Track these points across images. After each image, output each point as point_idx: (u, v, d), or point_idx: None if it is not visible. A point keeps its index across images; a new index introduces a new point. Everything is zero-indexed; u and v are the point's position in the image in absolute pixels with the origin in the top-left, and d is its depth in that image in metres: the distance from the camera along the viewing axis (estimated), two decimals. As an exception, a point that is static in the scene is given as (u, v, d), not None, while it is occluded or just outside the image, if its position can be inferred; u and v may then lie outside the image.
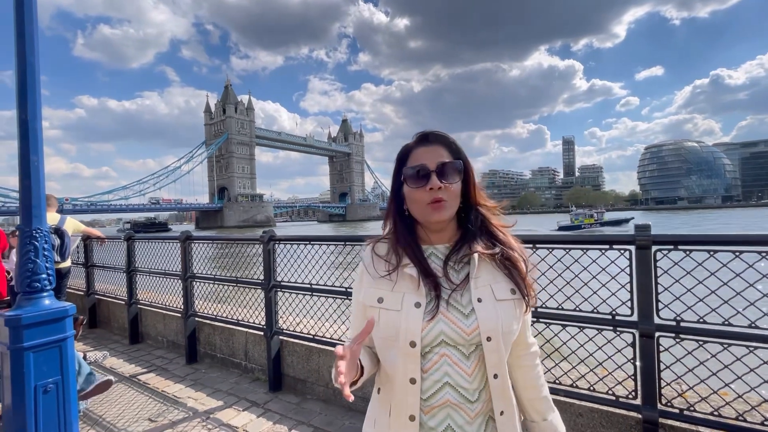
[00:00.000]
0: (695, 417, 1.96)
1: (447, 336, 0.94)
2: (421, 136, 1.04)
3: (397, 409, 0.97)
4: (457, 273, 0.99)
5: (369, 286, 1.02)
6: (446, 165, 0.98)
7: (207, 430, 3.00)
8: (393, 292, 0.98)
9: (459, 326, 0.94)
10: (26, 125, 2.02)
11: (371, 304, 1.00)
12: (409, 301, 0.95)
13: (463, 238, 1.02)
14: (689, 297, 1.98)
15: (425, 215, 0.99)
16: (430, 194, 0.96)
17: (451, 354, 0.94)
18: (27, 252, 2.06)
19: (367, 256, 1.07)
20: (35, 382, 1.99)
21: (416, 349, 0.93)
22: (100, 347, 5.03)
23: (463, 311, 0.95)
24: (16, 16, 2.03)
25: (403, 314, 0.94)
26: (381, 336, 0.99)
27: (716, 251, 1.91)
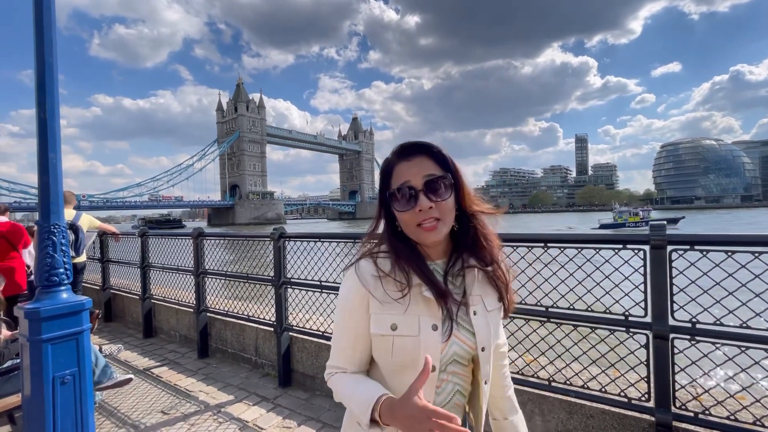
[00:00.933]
0: (710, 421, 1.92)
1: (458, 354, 0.94)
2: (402, 148, 0.95)
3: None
4: (455, 288, 0.97)
5: (378, 311, 0.92)
6: (434, 180, 0.90)
7: (218, 423, 3.05)
8: (406, 315, 0.90)
9: (467, 344, 0.94)
10: (45, 123, 2.07)
11: (383, 333, 0.91)
12: (426, 325, 0.90)
13: (457, 250, 0.98)
14: (705, 299, 1.93)
15: (418, 237, 0.92)
16: (421, 215, 0.89)
17: (457, 368, 0.96)
18: (45, 247, 2.11)
19: (369, 277, 0.93)
20: (53, 373, 2.05)
21: (435, 372, 0.91)
22: (114, 340, 5.15)
23: (469, 328, 0.95)
24: (35, 18, 2.07)
25: (421, 339, 0.89)
26: (394, 363, 0.92)
27: (734, 252, 1.86)
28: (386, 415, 0.82)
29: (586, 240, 2.27)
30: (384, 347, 0.92)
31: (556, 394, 2.31)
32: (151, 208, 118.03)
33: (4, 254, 4.15)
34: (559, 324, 2.32)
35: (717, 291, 1.90)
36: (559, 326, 2.32)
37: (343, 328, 0.98)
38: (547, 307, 2.32)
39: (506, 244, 2.47)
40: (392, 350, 0.91)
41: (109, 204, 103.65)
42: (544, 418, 2.34)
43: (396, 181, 0.93)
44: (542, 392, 2.35)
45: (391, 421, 0.81)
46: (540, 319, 2.36)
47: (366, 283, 0.93)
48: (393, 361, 0.92)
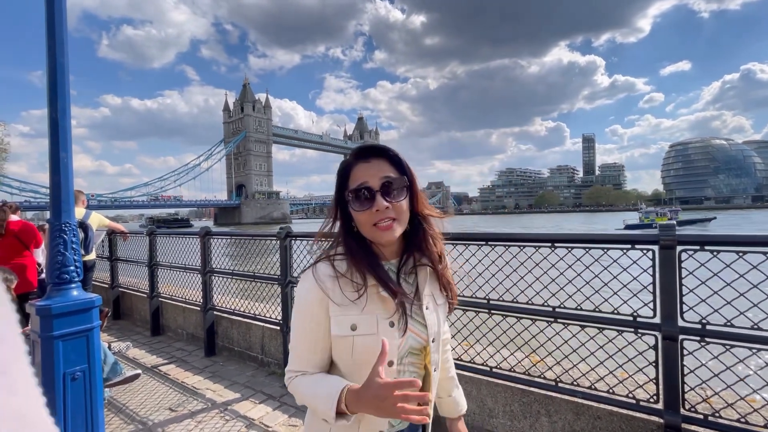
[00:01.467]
0: (720, 423, 1.89)
1: (412, 347, 1.00)
2: (360, 150, 0.98)
3: (367, 425, 0.95)
4: (408, 285, 1.02)
5: (338, 313, 0.93)
6: (390, 182, 0.93)
7: (225, 421, 3.07)
8: (364, 315, 0.93)
9: (421, 336, 1.00)
10: (56, 123, 2.10)
11: (343, 334, 0.93)
12: (383, 323, 0.94)
13: (408, 250, 1.02)
14: (715, 300, 1.91)
15: (374, 236, 0.95)
16: (377, 215, 0.92)
17: (411, 359, 1.01)
18: (56, 245, 2.14)
19: (327, 279, 0.95)
20: (64, 370, 2.08)
21: (393, 367, 0.94)
22: (123, 338, 5.20)
23: (422, 322, 1.00)
24: (47, 19, 2.11)
25: (380, 337, 0.92)
26: (354, 362, 0.95)
27: (745, 252, 1.83)
28: (353, 404, 0.85)
29: (593, 240, 2.25)
30: (344, 348, 0.94)
31: (562, 394, 2.30)
32: (159, 207, 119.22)
33: (16, 253, 4.22)
34: (566, 324, 2.30)
35: (727, 292, 1.87)
36: (566, 327, 2.31)
37: (302, 332, 0.98)
38: (554, 308, 2.31)
39: (513, 243, 2.46)
40: (353, 350, 0.93)
41: (117, 203, 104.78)
42: (550, 419, 2.33)
43: (354, 181, 0.96)
44: (549, 393, 2.33)
45: (359, 407, 0.84)
46: (547, 319, 2.34)
47: (324, 285, 0.94)
48: (353, 360, 0.95)
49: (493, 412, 2.53)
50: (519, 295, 2.44)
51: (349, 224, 1.00)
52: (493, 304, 2.52)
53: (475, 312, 2.60)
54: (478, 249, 2.57)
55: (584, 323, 2.24)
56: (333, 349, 0.97)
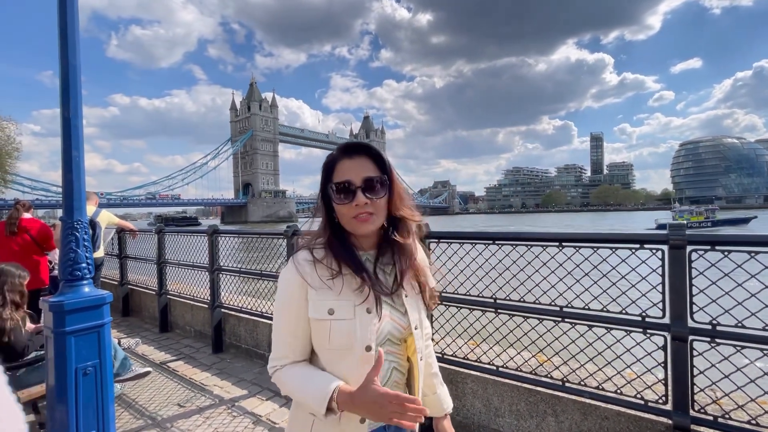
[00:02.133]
0: (730, 425, 1.87)
1: (391, 334, 1.03)
2: (346, 146, 1.04)
3: (348, 415, 0.96)
4: (386, 275, 1.07)
5: (315, 298, 0.98)
6: (371, 180, 0.99)
7: (232, 417, 3.11)
8: (341, 300, 0.98)
9: (400, 324, 1.04)
10: (68, 123, 2.14)
11: (321, 317, 0.98)
12: (361, 308, 0.98)
13: (386, 243, 1.07)
14: (726, 300, 1.88)
15: (353, 228, 1.02)
16: (357, 209, 0.98)
17: (391, 347, 1.05)
18: (69, 242, 2.18)
19: (305, 266, 1.00)
20: (76, 365, 2.11)
21: (371, 352, 0.97)
22: (132, 334, 5.27)
23: (401, 310, 1.05)
24: (59, 22, 2.14)
25: (357, 322, 0.97)
26: (334, 347, 0.98)
27: (758, 252, 1.81)
28: (345, 404, 0.91)
29: (602, 239, 2.24)
30: (322, 332, 0.99)
31: (570, 394, 2.29)
32: (166, 206, 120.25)
33: (28, 250, 4.30)
34: (573, 324, 2.29)
35: (738, 293, 1.85)
36: (573, 326, 2.30)
37: (284, 318, 1.03)
38: (562, 307, 2.30)
39: (521, 243, 2.45)
40: (330, 335, 0.98)
41: (126, 202, 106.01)
42: (557, 418, 2.32)
43: (338, 176, 1.01)
44: (556, 392, 2.33)
45: (351, 408, 0.91)
46: (554, 318, 2.33)
47: (302, 270, 1.00)
48: (330, 345, 0.99)
49: (500, 412, 2.53)
50: (526, 295, 2.43)
51: (331, 215, 1.05)
52: (499, 304, 2.52)
53: (482, 311, 2.60)
54: (485, 248, 2.57)
55: (592, 323, 2.23)
56: (312, 335, 1.02)
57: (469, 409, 2.67)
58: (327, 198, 1.04)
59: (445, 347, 2.78)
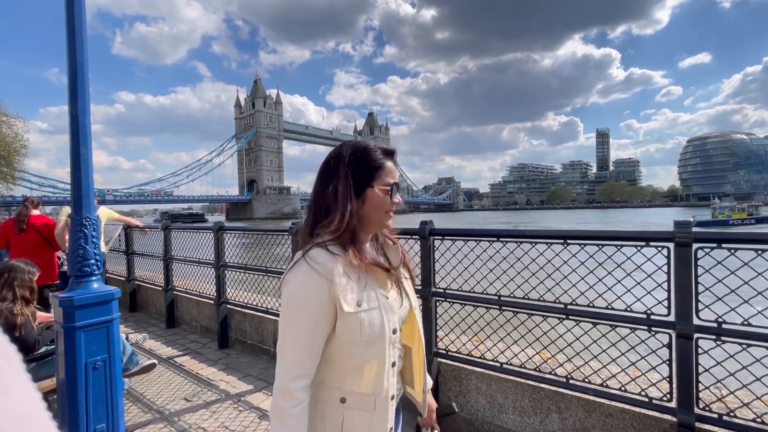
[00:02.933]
0: (735, 423, 1.87)
1: (401, 317, 1.12)
2: (388, 151, 1.13)
3: (382, 397, 1.04)
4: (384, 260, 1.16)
5: (344, 292, 0.98)
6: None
7: (238, 411, 3.15)
8: (366, 291, 1.03)
9: (405, 306, 1.14)
10: (77, 120, 2.16)
11: (351, 311, 0.98)
12: (382, 295, 1.06)
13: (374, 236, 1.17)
14: (732, 298, 1.88)
15: (382, 221, 1.11)
16: (392, 206, 1.10)
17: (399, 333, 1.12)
18: (77, 239, 2.21)
19: (327, 262, 0.98)
20: (85, 359, 2.15)
21: (397, 334, 1.08)
22: (140, 330, 5.34)
23: (402, 292, 1.14)
24: (67, 20, 2.16)
25: (381, 309, 1.04)
26: (365, 338, 0.99)
27: (765, 250, 1.80)
28: None
29: (607, 237, 2.23)
30: (353, 326, 0.99)
31: (573, 391, 2.29)
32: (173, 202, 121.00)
33: (37, 247, 4.36)
34: (578, 321, 2.29)
35: (745, 291, 1.84)
36: (577, 324, 2.30)
37: (302, 323, 0.98)
38: (566, 304, 2.29)
39: (525, 240, 2.45)
40: (361, 326, 0.99)
41: (132, 198, 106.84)
42: (561, 415, 2.33)
43: (388, 176, 1.09)
44: (559, 389, 2.33)
45: None
46: (559, 316, 2.33)
47: (324, 269, 0.97)
48: (362, 336, 1.00)
49: (503, 408, 2.54)
50: (530, 292, 2.43)
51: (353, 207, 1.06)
52: (504, 301, 2.52)
53: (486, 308, 2.61)
54: (490, 245, 2.57)
55: (596, 320, 2.23)
56: (340, 332, 0.99)
57: (473, 405, 2.68)
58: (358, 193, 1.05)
59: (449, 344, 2.79)
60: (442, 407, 1.37)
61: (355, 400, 1.01)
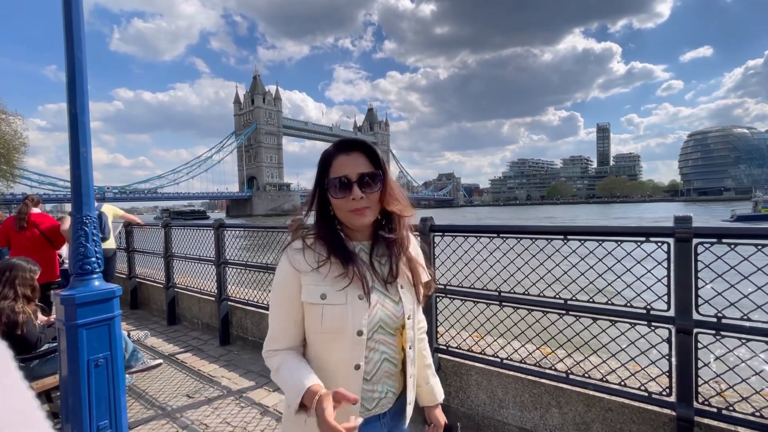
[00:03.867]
0: (735, 417, 1.88)
1: (384, 322, 1.07)
2: (342, 143, 1.08)
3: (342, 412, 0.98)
4: (381, 266, 1.11)
5: (308, 282, 1.03)
6: (366, 175, 1.03)
7: (240, 407, 3.17)
8: (334, 287, 1.02)
9: (392, 312, 1.08)
10: (76, 119, 2.15)
11: (313, 301, 1.03)
12: (353, 295, 1.03)
13: (380, 235, 1.11)
14: (732, 293, 1.88)
15: (349, 220, 1.06)
16: (353, 203, 1.03)
17: (384, 337, 1.09)
18: (78, 237, 2.21)
19: (296, 253, 1.06)
20: (88, 356, 2.16)
21: (363, 337, 1.03)
22: (141, 327, 5.36)
23: (394, 299, 1.10)
24: (64, 16, 2.14)
25: (348, 307, 1.02)
26: (326, 331, 1.03)
27: (764, 245, 1.80)
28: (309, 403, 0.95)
29: (607, 232, 2.23)
30: (315, 316, 1.03)
31: (573, 386, 2.30)
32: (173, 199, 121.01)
33: (38, 245, 4.37)
34: (577, 317, 2.30)
35: (744, 285, 1.84)
36: (577, 319, 2.30)
37: (278, 302, 1.08)
38: (566, 300, 2.30)
39: (525, 236, 2.45)
40: (322, 319, 1.02)
41: (132, 195, 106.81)
42: (561, 410, 2.34)
43: (335, 171, 1.05)
44: (559, 384, 2.34)
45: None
46: (558, 311, 2.34)
47: (292, 257, 1.06)
48: (323, 329, 1.03)
49: (504, 403, 2.56)
50: (530, 288, 2.44)
51: (324, 207, 1.09)
52: (504, 296, 2.53)
53: (486, 304, 2.61)
54: (490, 241, 2.57)
55: (596, 316, 2.23)
56: (306, 319, 1.06)
57: (473, 401, 2.69)
58: (321, 191, 1.08)
59: (450, 339, 2.80)
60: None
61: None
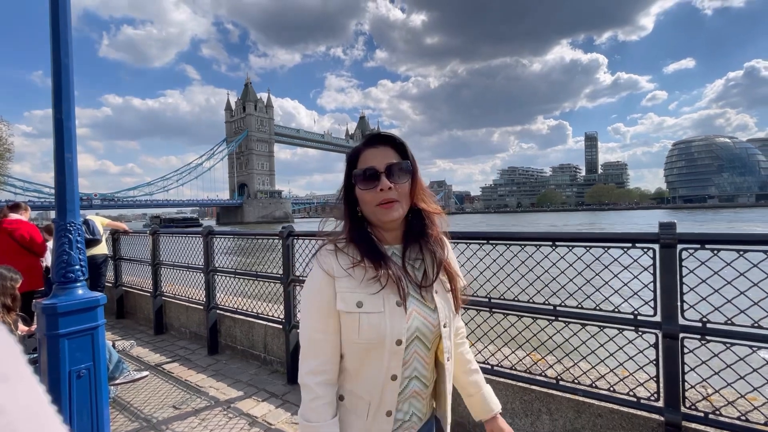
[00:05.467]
0: (721, 421, 1.90)
1: (420, 331, 1.00)
2: (369, 137, 1.05)
3: (376, 408, 0.97)
4: (415, 269, 1.04)
5: (343, 290, 0.97)
6: (394, 165, 0.99)
7: (228, 418, 3.10)
8: (371, 294, 0.96)
9: (429, 321, 1.01)
10: (61, 125, 2.12)
11: (349, 310, 0.96)
12: (390, 302, 0.96)
13: (412, 237, 1.04)
14: (716, 298, 1.91)
15: (377, 215, 1.00)
16: (381, 195, 0.98)
17: (419, 349, 1.01)
18: (62, 244, 2.17)
19: (327, 256, 1.01)
20: (69, 368, 2.10)
21: (401, 346, 0.96)
22: (127, 336, 5.24)
23: (430, 306, 1.02)
24: (51, 21, 2.12)
25: (386, 315, 0.95)
26: (363, 341, 0.96)
27: (746, 251, 1.84)
28: None
29: (594, 239, 2.26)
30: (352, 326, 0.96)
31: (563, 392, 2.31)
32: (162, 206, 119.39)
33: (17, 252, 4.26)
34: (567, 323, 2.31)
35: (728, 290, 1.88)
36: (567, 325, 2.32)
37: (312, 316, 1.00)
38: (555, 306, 2.32)
39: (515, 242, 2.47)
40: (359, 328, 0.95)
41: (120, 203, 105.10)
42: (551, 416, 2.34)
43: (362, 165, 1.01)
44: (550, 391, 2.35)
45: None
46: (548, 317, 2.35)
47: (324, 261, 1.00)
48: (360, 338, 0.96)
49: (495, 410, 2.54)
50: (520, 294, 2.45)
51: (353, 209, 1.04)
52: (494, 303, 2.53)
53: (477, 310, 2.62)
54: (480, 248, 2.58)
55: (585, 321, 2.25)
56: (342, 330, 0.98)
57: (464, 408, 2.67)
58: (349, 190, 1.04)
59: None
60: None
61: (351, 402, 1.00)
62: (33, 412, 0.25)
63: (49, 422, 0.25)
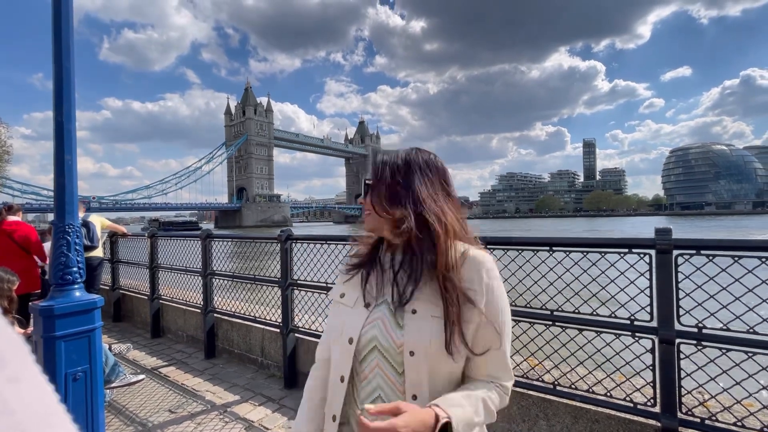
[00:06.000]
0: (717, 427, 1.90)
1: (379, 342, 0.91)
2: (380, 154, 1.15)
3: (327, 407, 0.99)
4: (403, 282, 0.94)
5: (339, 282, 1.10)
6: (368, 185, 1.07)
7: (224, 423, 3.08)
8: (352, 291, 1.03)
9: (391, 335, 0.90)
10: (61, 127, 2.14)
11: (334, 299, 1.07)
12: (361, 301, 0.99)
13: (410, 249, 0.94)
14: (712, 304, 1.92)
15: None
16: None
17: (383, 366, 0.91)
18: (60, 246, 2.17)
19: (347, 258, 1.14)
20: (66, 370, 2.10)
21: (352, 346, 0.93)
22: (124, 340, 5.22)
23: (399, 321, 0.90)
24: (53, 24, 2.14)
25: (352, 311, 0.99)
26: (330, 329, 1.04)
27: (741, 257, 1.86)
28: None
29: (591, 244, 2.27)
30: (331, 313, 1.07)
31: (560, 398, 2.31)
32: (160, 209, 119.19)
33: (14, 254, 4.25)
34: (564, 328, 2.32)
35: (724, 296, 1.89)
36: (564, 330, 2.32)
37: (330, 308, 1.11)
38: (552, 311, 2.32)
39: (512, 247, 2.48)
40: (331, 316, 1.06)
41: (119, 206, 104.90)
42: (548, 422, 2.34)
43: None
44: (547, 396, 2.35)
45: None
46: (545, 322, 2.36)
47: (344, 262, 1.12)
48: (329, 326, 1.06)
49: (492, 416, 2.54)
50: (517, 299, 2.45)
51: None
52: (491, 308, 2.54)
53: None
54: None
55: (582, 327, 2.26)
56: None
57: None
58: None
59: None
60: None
61: None
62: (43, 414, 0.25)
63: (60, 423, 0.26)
